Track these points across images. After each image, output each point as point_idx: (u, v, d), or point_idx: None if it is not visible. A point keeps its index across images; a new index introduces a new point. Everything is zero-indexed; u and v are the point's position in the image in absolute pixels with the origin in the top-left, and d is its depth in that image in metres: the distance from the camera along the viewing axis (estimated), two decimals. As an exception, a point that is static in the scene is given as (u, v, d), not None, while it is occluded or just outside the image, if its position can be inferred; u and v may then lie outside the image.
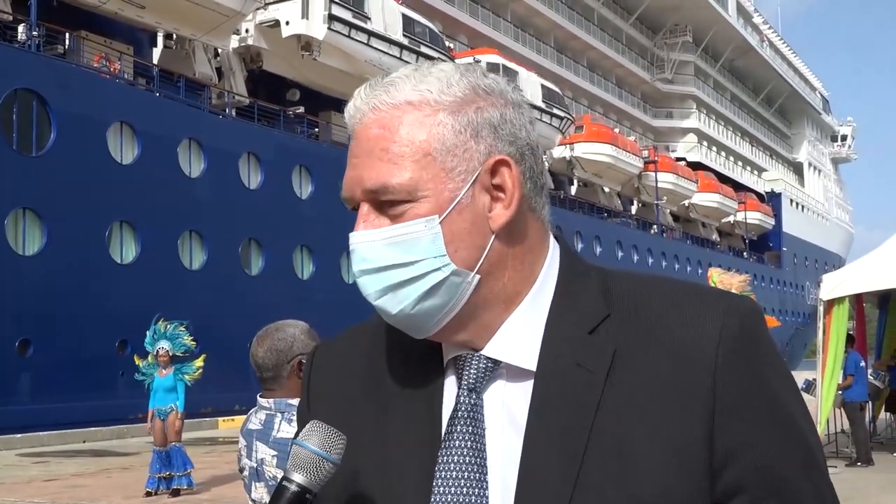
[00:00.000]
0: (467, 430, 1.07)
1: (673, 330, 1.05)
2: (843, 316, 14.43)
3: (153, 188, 23.67)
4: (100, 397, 21.16)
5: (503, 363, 1.09)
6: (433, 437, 1.09)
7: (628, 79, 61.10)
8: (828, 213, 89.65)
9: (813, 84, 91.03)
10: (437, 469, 1.07)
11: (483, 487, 1.04)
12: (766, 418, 1.03)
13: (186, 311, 18.39)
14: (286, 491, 1.03)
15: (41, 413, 20.26)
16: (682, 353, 1.03)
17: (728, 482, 1.01)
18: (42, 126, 21.64)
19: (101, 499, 11.87)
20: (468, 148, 1.06)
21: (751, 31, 73.76)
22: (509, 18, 47.24)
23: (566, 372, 1.05)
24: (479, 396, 1.08)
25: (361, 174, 1.07)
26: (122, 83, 25.35)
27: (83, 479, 14.04)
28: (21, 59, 21.77)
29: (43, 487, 13.04)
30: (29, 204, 21.16)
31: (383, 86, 1.09)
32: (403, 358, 1.15)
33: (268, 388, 3.26)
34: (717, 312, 1.05)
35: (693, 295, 1.08)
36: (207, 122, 26.83)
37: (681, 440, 1.00)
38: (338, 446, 1.05)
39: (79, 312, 21.48)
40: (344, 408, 1.16)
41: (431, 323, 1.07)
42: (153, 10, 26.28)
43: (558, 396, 1.04)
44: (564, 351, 1.06)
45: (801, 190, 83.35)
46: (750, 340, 1.05)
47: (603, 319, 1.07)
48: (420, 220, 1.05)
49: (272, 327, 3.33)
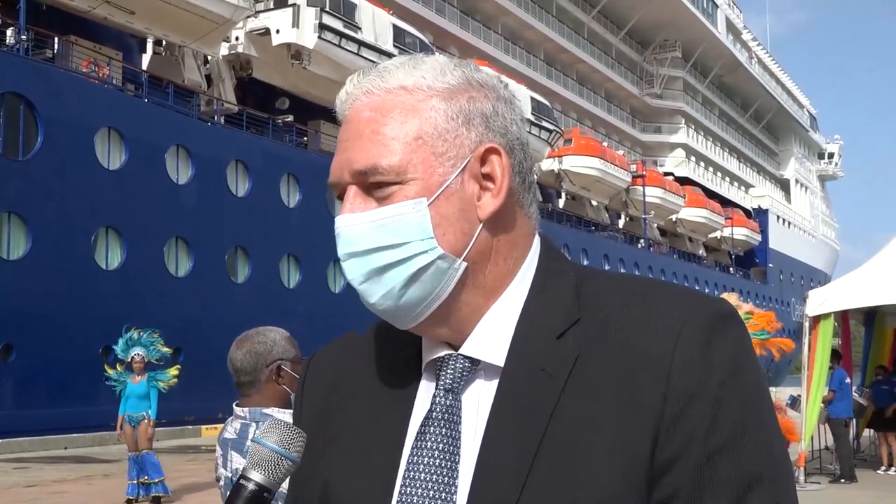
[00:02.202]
0: (440, 431, 1.06)
1: (635, 336, 1.02)
2: (828, 332, 14.50)
3: (140, 194, 23.64)
4: (82, 403, 21.06)
5: (482, 363, 1.07)
6: (396, 441, 1.08)
7: (617, 93, 61.31)
8: (814, 230, 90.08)
9: (801, 101, 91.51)
10: (407, 470, 1.05)
11: (451, 492, 1.03)
12: (714, 423, 0.99)
13: (171, 318, 18.35)
14: (244, 490, 1.01)
15: (22, 419, 20.15)
16: (641, 360, 1.01)
17: (663, 491, 0.98)
18: (29, 130, 21.59)
19: (82, 506, 11.80)
20: (459, 134, 1.07)
21: (740, 48, 74.16)
22: (500, 31, 47.36)
23: (529, 375, 1.04)
24: (456, 398, 1.07)
25: (350, 156, 1.06)
26: (111, 88, 25.32)
27: (64, 485, 13.97)
28: (9, 63, 21.70)
29: (23, 493, 12.98)
30: (14, 208, 21.09)
31: (377, 72, 1.09)
32: (386, 366, 1.14)
33: (244, 393, 3.23)
34: (679, 316, 1.02)
35: (661, 297, 1.05)
36: (196, 128, 26.80)
37: (628, 448, 0.98)
38: (297, 444, 1.04)
39: (62, 318, 21.39)
40: (328, 410, 1.16)
41: (415, 311, 1.06)
42: (143, 16, 26.28)
43: (518, 399, 1.03)
44: (531, 354, 1.05)
45: (788, 206, 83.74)
46: (711, 347, 1.01)
47: (573, 324, 1.05)
48: (408, 201, 1.04)
49: (252, 332, 3.30)
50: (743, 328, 1.05)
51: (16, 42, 22.59)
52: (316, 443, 1.09)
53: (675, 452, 0.98)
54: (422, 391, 1.11)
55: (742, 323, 1.06)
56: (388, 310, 1.07)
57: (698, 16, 63.93)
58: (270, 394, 3.18)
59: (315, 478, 1.13)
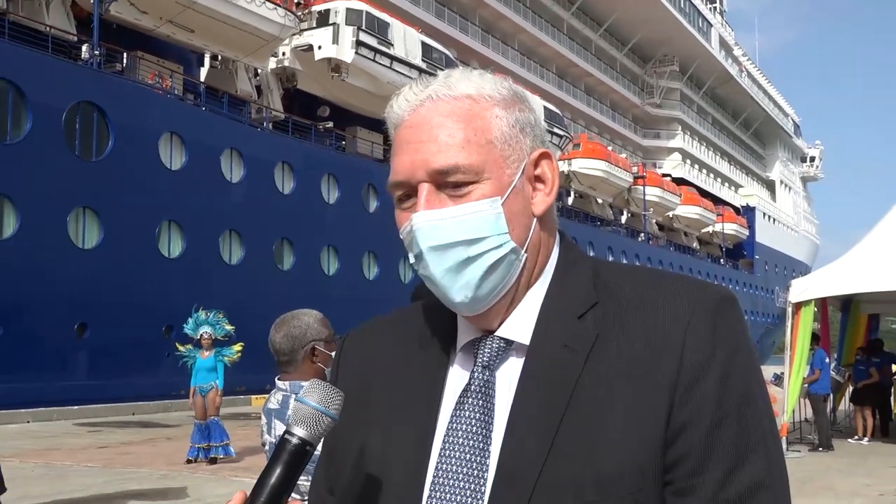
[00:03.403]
0: (477, 402, 1.06)
1: (649, 317, 1.03)
2: (809, 317, 14.40)
3: (198, 191, 23.76)
4: (147, 375, 21.25)
5: (515, 343, 1.08)
6: (431, 409, 1.08)
7: (621, 103, 60.94)
8: (796, 225, 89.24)
9: (786, 110, 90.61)
10: (447, 434, 1.06)
11: (486, 455, 1.03)
12: (722, 395, 1.00)
13: (225, 301, 18.41)
14: (288, 444, 1.00)
15: (95, 388, 20.34)
16: (656, 337, 1.02)
17: (677, 451, 0.99)
18: (101, 135, 21.72)
19: (147, 465, 11.90)
20: (519, 140, 1.07)
21: (731, 63, 73.49)
22: (516, 47, 47.16)
23: (554, 352, 1.04)
24: (492, 373, 1.07)
25: (426, 157, 1.03)
26: (173, 98, 25.42)
27: (131, 447, 14.10)
28: (84, 76, 21.87)
29: (96, 454, 13.10)
30: (88, 203, 21.24)
31: (440, 81, 1.07)
32: (420, 345, 1.14)
33: (284, 370, 3.24)
34: (689, 300, 1.03)
35: (671, 284, 1.06)
36: (247, 134, 26.87)
37: (644, 415, 0.99)
38: (336, 402, 1.02)
39: (130, 300, 21.55)
40: (363, 385, 1.15)
41: (487, 300, 1.06)
42: (201, 34, 26.40)
43: (544, 373, 1.03)
44: (554, 332, 1.05)
45: (773, 205, 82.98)
46: (717, 327, 1.02)
47: (592, 306, 1.06)
48: (486, 200, 1.03)
49: (288, 315, 3.29)
50: (740, 310, 1.07)
51: (90, 57, 22.73)
52: (352, 411, 1.08)
53: (688, 417, 0.99)
54: (455, 370, 1.11)
55: (739, 305, 1.07)
56: (465, 300, 1.05)
57: (694, 34, 63.46)
58: (307, 371, 3.19)
59: (352, 442, 1.13)
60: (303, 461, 1.01)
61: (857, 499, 9.88)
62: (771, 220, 79.27)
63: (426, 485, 1.05)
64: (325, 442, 1.07)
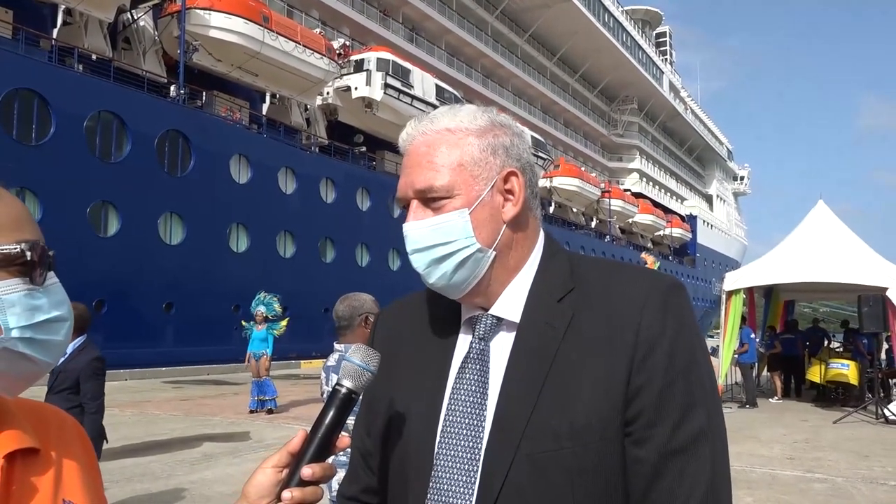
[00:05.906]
0: (475, 368, 1.06)
1: (613, 300, 1.02)
2: (738, 303, 14.34)
3: (260, 200, 23.78)
4: (219, 344, 21.27)
5: (505, 319, 1.07)
6: (441, 374, 1.08)
7: (592, 133, 60.78)
8: (729, 230, 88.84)
9: (721, 139, 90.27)
10: (452, 394, 1.06)
11: (482, 411, 1.03)
12: (670, 363, 0.98)
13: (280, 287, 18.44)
14: (338, 393, 1.01)
15: (179, 353, 20.40)
16: (617, 316, 1.01)
17: (635, 408, 0.98)
18: (185, 156, 21.76)
19: (219, 414, 11.93)
20: (489, 161, 1.06)
21: (678, 102, 73.18)
22: (510, 89, 47.15)
23: (538, 328, 1.03)
24: (486, 344, 1.07)
25: (412, 179, 1.06)
26: (241, 127, 25.45)
27: (206, 399, 14.13)
28: (172, 109, 21.90)
29: (179, 405, 13.15)
30: (174, 209, 21.29)
31: (428, 119, 1.09)
32: (434, 319, 1.14)
33: (342, 334, 3.26)
34: (645, 287, 1.02)
35: (630, 274, 1.06)
36: (298, 155, 26.87)
37: (609, 380, 0.98)
38: (374, 361, 1.03)
39: (206, 285, 21.61)
40: (392, 350, 1.15)
41: (461, 287, 1.07)
42: (263, 77, 26.51)
43: (530, 345, 1.03)
44: (539, 313, 1.05)
45: (711, 214, 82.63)
46: (667, 307, 1.01)
47: (569, 291, 1.05)
48: (455, 211, 1.04)
49: (351, 294, 3.37)
50: (687, 295, 1.05)
51: (176, 95, 22.78)
52: (383, 370, 1.08)
53: (643, 381, 0.98)
54: (460, 340, 1.11)
55: (685, 290, 1.05)
56: (443, 287, 1.07)
57: (650, 79, 63.50)
58: (360, 335, 3.22)
59: (382, 395, 1.13)
60: (350, 407, 1.01)
61: (777, 445, 9.84)
62: (709, 226, 78.95)
63: (437, 431, 1.05)
64: (365, 393, 1.07)
